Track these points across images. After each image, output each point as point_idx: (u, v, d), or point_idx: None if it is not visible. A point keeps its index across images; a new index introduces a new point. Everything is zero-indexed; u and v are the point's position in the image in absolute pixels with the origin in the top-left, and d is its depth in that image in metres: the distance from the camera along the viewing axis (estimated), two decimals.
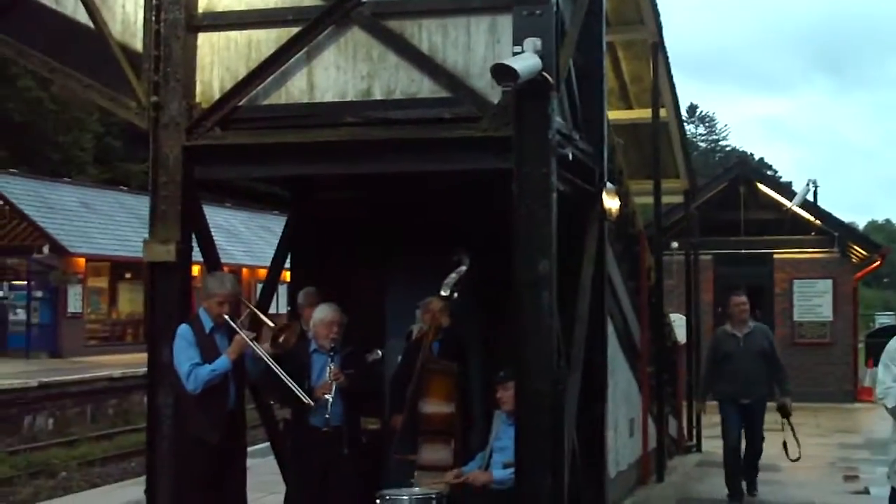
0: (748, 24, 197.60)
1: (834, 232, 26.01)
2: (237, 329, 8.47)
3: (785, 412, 12.69)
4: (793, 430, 12.69)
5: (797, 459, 12.66)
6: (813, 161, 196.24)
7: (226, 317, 8.49)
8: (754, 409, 12.49)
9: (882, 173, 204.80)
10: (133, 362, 30.56)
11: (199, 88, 8.84)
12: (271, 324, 9.24)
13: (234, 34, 8.80)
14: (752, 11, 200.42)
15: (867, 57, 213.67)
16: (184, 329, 8.46)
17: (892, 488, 7.23)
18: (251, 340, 8.43)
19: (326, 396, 8.59)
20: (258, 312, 9.54)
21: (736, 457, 12.68)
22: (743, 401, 12.41)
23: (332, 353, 8.80)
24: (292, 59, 8.53)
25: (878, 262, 27.55)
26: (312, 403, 8.60)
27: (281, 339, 9.02)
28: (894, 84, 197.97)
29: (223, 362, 8.33)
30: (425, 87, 8.28)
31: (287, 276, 11.83)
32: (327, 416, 8.60)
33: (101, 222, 39.40)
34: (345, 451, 8.79)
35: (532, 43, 7.63)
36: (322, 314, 8.99)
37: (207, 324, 8.55)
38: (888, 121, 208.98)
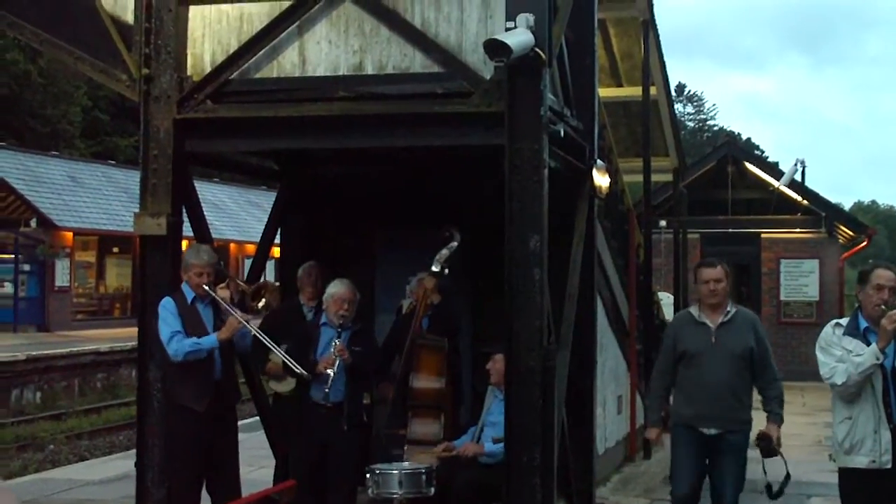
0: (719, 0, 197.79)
1: (821, 212, 26.10)
2: (229, 309, 8.50)
3: (768, 450, 8.04)
4: (783, 460, 8.04)
5: (777, 496, 8.20)
6: (793, 139, 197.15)
7: (206, 287, 8.52)
8: (726, 445, 8.11)
9: (863, 153, 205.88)
10: (120, 336, 30.61)
11: (190, 61, 8.82)
12: (243, 285, 9.27)
13: (225, 7, 8.77)
14: None
15: (841, 34, 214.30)
16: (166, 300, 8.52)
17: (840, 469, 7.24)
18: (245, 321, 8.45)
19: (329, 371, 8.59)
20: (238, 282, 9.56)
21: None
22: (707, 430, 8.09)
23: (339, 329, 8.78)
24: (284, 33, 8.51)
25: (864, 243, 27.64)
26: (305, 373, 8.61)
27: (261, 304, 9.03)
28: (870, 61, 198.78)
29: (210, 340, 8.37)
30: (417, 62, 8.27)
31: (276, 251, 11.83)
32: (327, 389, 8.59)
33: (88, 196, 39.30)
34: (344, 427, 8.79)
35: (525, 19, 7.63)
36: (334, 289, 8.93)
37: (189, 295, 8.59)
38: (865, 99, 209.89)
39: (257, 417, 10.68)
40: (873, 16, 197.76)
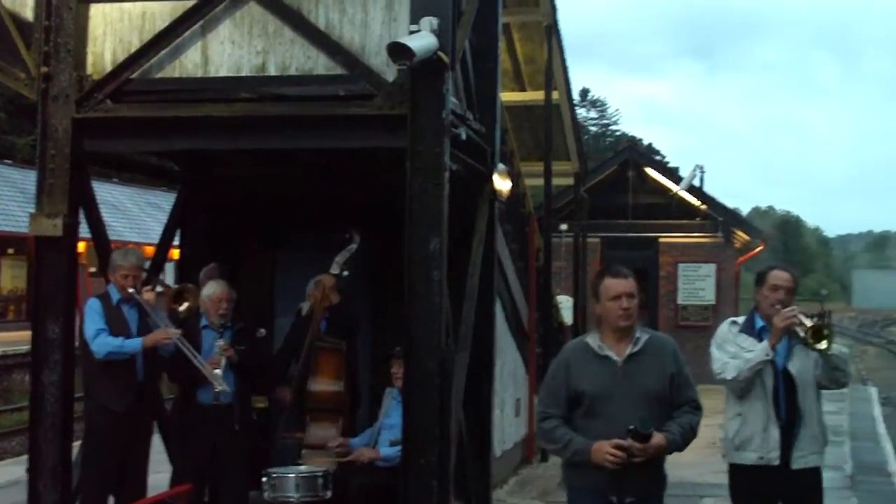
0: (615, 5, 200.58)
1: (718, 217, 26.56)
2: (154, 314, 8.63)
3: (640, 445, 5.80)
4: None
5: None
6: (692, 145, 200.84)
7: (130, 290, 8.59)
8: None
9: (757, 160, 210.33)
10: (15, 340, 29.96)
11: (90, 60, 8.70)
12: (166, 288, 9.29)
13: (127, 5, 8.66)
14: None
15: (734, 41, 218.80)
16: (92, 301, 8.65)
17: (730, 465, 7.37)
18: (172, 335, 8.54)
19: (216, 371, 8.56)
20: (168, 285, 9.56)
21: None
22: (620, 498, 6.00)
23: (221, 330, 8.81)
24: (187, 33, 8.42)
25: (760, 248, 28.22)
26: (228, 389, 8.66)
27: (182, 308, 9.03)
28: (761, 68, 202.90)
29: (135, 344, 8.49)
30: (321, 64, 8.24)
31: (176, 253, 11.72)
32: (217, 390, 8.59)
33: None
34: (236, 427, 8.79)
35: (428, 22, 7.66)
36: (210, 290, 9.00)
37: (115, 296, 8.69)
38: (756, 106, 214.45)
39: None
40: (765, 24, 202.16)
